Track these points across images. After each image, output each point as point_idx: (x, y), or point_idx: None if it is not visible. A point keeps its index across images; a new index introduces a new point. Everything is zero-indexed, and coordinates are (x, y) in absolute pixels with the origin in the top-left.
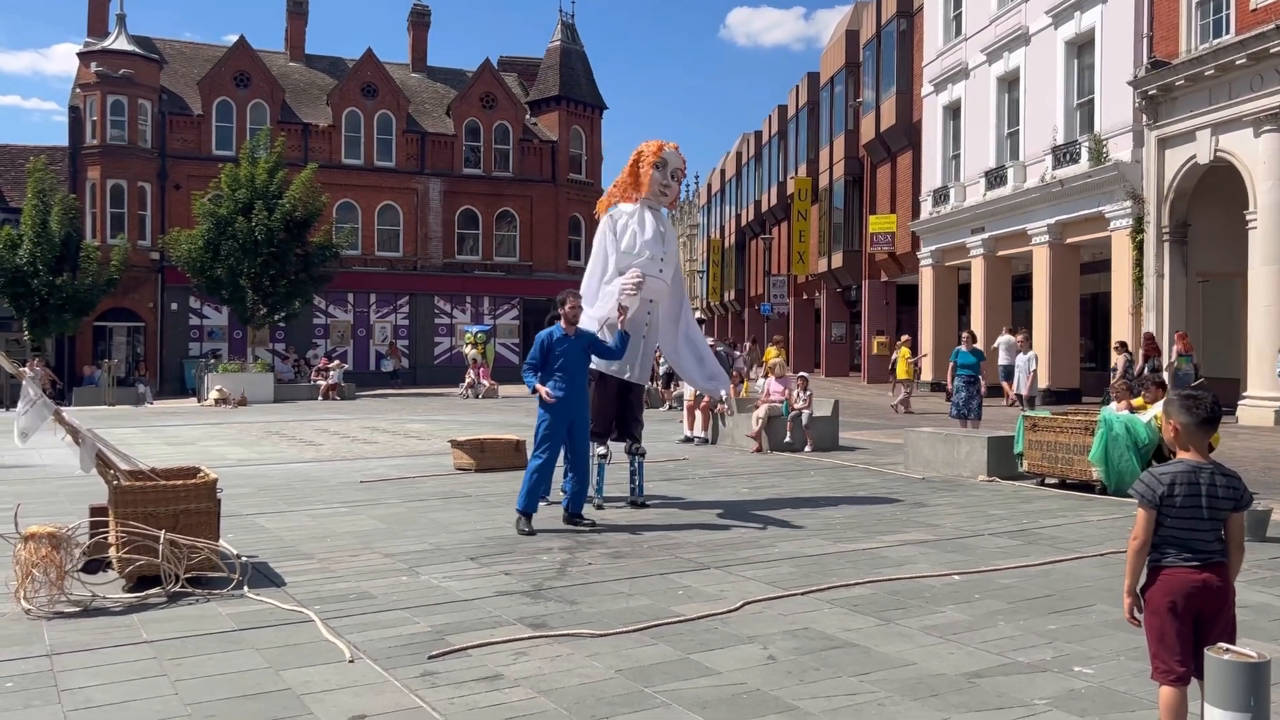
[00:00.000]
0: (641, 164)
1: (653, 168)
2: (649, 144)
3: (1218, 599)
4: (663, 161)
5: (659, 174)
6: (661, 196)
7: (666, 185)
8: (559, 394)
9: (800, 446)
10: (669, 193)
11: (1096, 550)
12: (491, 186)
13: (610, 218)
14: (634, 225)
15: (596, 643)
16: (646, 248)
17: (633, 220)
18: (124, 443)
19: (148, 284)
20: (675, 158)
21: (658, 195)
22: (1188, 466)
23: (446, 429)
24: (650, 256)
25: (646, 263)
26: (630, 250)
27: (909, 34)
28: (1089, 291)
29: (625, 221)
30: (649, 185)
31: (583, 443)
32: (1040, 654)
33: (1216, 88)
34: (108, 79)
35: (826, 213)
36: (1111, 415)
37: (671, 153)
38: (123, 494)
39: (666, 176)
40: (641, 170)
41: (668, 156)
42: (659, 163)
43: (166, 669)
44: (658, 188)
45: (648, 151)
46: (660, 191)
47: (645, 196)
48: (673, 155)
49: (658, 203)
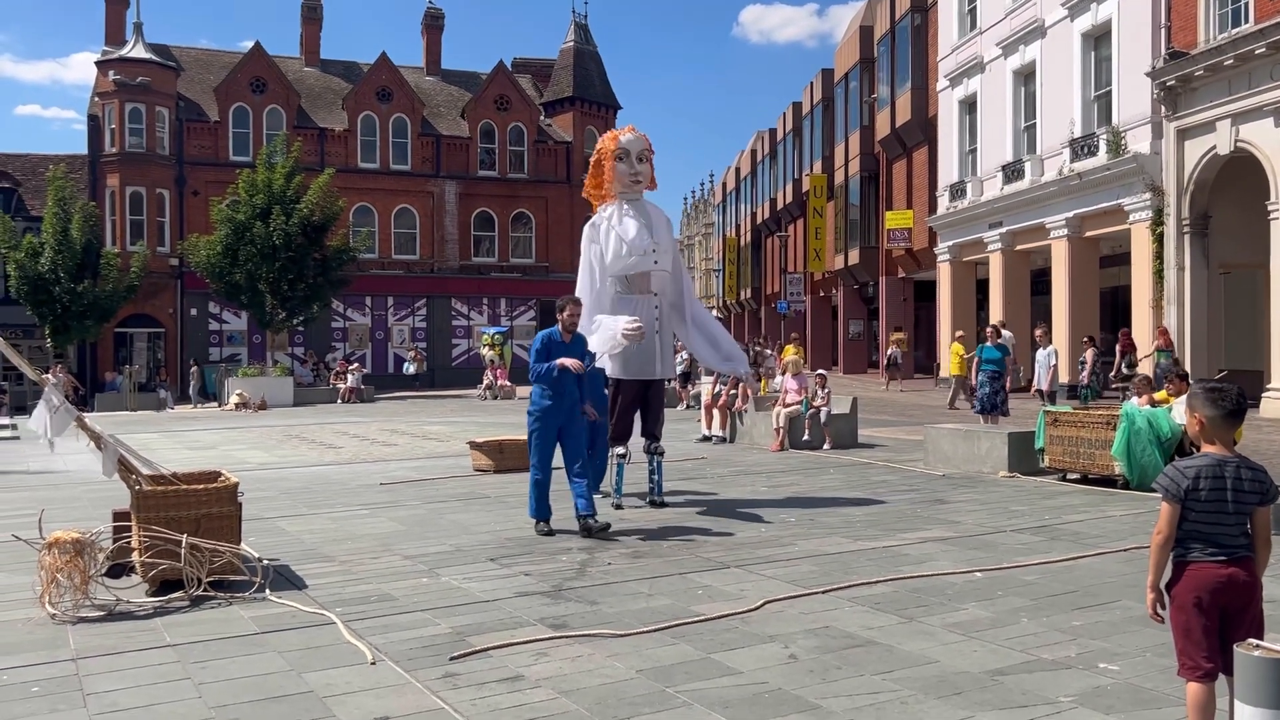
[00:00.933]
0: (604, 163)
1: (615, 160)
2: (604, 139)
3: (1244, 594)
4: (623, 151)
5: (624, 165)
6: (635, 186)
7: (636, 173)
8: (547, 403)
9: (819, 444)
10: (642, 178)
11: (1120, 545)
12: (507, 188)
13: (591, 227)
14: (616, 228)
15: (617, 643)
16: (634, 248)
17: (613, 222)
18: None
19: (167, 290)
20: (635, 142)
21: (630, 187)
22: (1213, 460)
23: (465, 430)
24: (643, 253)
25: (639, 261)
26: (620, 254)
27: (923, 28)
28: (1108, 285)
29: (606, 228)
30: (618, 180)
31: (581, 447)
32: (1064, 651)
33: (1236, 77)
34: (125, 87)
35: (842, 209)
36: (1134, 409)
37: (630, 138)
38: (145, 499)
39: (632, 164)
40: (605, 169)
41: (626, 144)
42: (619, 153)
43: (190, 672)
44: (627, 180)
45: (605, 149)
46: (632, 182)
47: (620, 192)
48: (632, 140)
49: (633, 193)
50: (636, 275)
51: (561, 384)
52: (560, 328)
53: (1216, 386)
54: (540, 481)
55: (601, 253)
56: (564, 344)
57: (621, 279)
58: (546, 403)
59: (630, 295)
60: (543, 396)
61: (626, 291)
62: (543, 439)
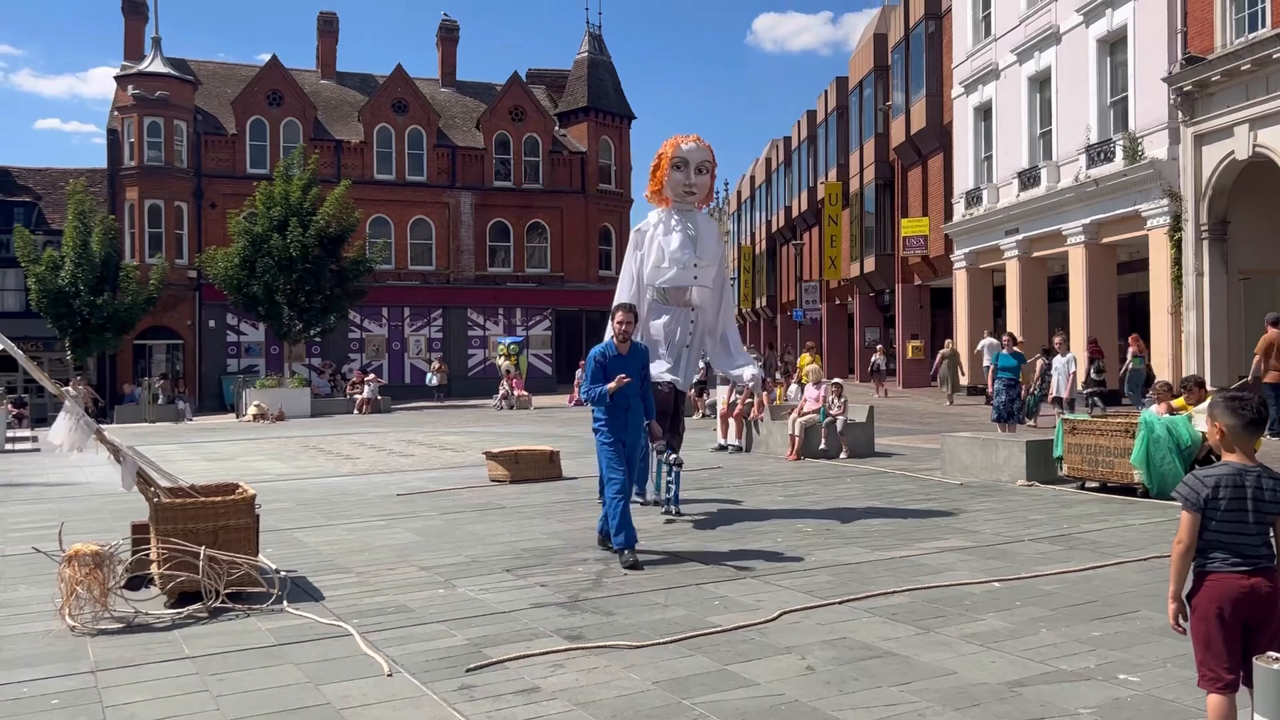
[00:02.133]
0: (660, 169)
1: (671, 168)
2: (667, 143)
3: (1266, 605)
4: (681, 160)
5: (680, 175)
6: (688, 197)
7: (691, 185)
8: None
9: (835, 453)
10: (697, 190)
11: (1140, 555)
12: (522, 199)
13: (638, 233)
14: (659, 237)
15: (633, 654)
16: (675, 261)
17: (658, 231)
18: (164, 459)
19: (185, 302)
20: (696, 152)
21: (682, 197)
22: (1233, 469)
23: (481, 441)
24: (682, 266)
25: (678, 274)
26: (659, 264)
27: (937, 36)
28: (1126, 291)
29: (651, 234)
30: (671, 189)
31: (634, 468)
32: (1084, 662)
33: (1254, 82)
34: (144, 101)
35: (858, 217)
36: (1153, 417)
37: (691, 148)
38: (163, 511)
39: (689, 175)
40: (661, 176)
41: (686, 154)
42: (677, 162)
43: (208, 684)
44: (680, 190)
45: (665, 153)
46: (685, 193)
47: (672, 201)
48: (692, 150)
49: (684, 205)
50: (674, 288)
51: (618, 401)
52: (614, 338)
53: (1238, 396)
54: (623, 488)
55: (644, 260)
56: (620, 357)
57: (659, 289)
58: (607, 417)
59: (666, 306)
60: (603, 413)
61: (662, 302)
62: (613, 451)
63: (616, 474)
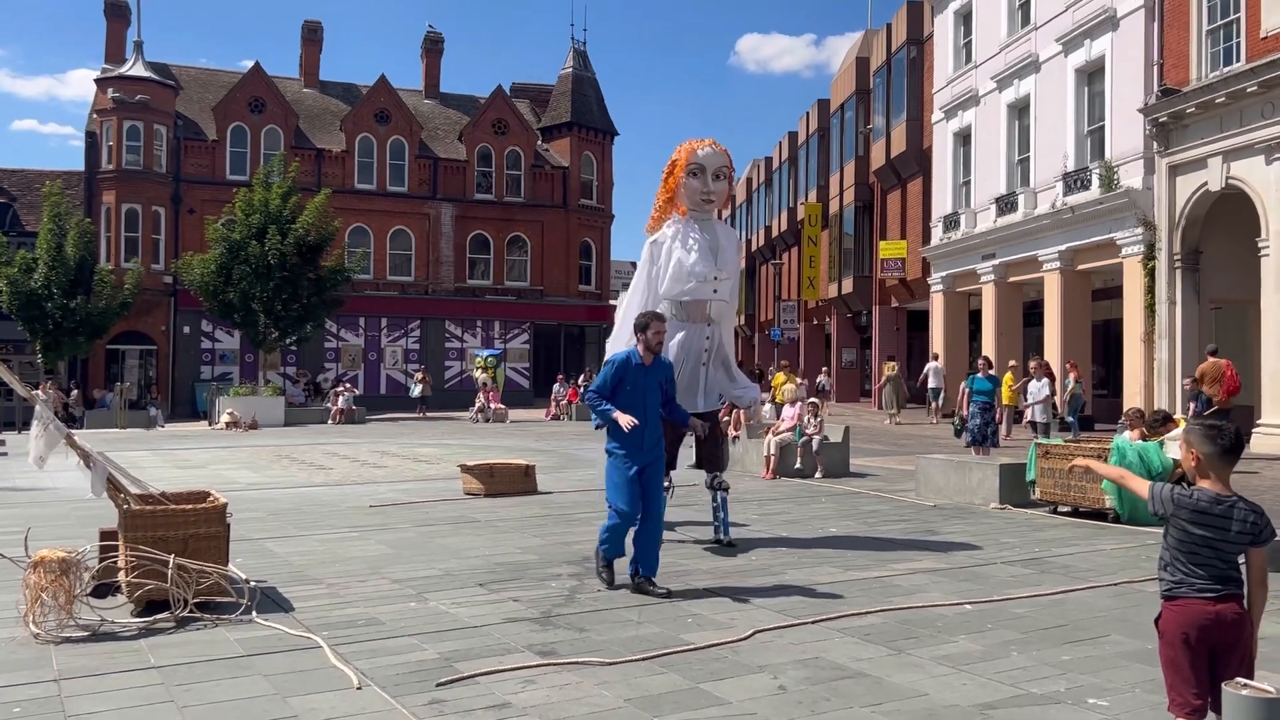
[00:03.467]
0: (675, 175)
1: (688, 175)
2: (681, 147)
3: (1234, 631)
4: (699, 166)
5: (697, 182)
6: (705, 205)
7: (708, 193)
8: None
9: (811, 473)
10: (715, 199)
11: (1110, 580)
12: (503, 211)
13: (654, 245)
14: (678, 249)
15: (605, 671)
16: (693, 274)
17: (675, 243)
18: (135, 466)
19: (160, 307)
20: (713, 157)
21: (700, 205)
22: (1208, 496)
23: (456, 453)
24: (702, 280)
25: (698, 288)
26: (678, 278)
27: (919, 61)
28: (1101, 318)
29: (668, 246)
30: (688, 197)
31: (658, 495)
32: (1054, 685)
33: (1228, 115)
34: (124, 105)
35: (837, 238)
36: (1125, 443)
37: (708, 152)
38: (132, 518)
39: (707, 182)
40: (674, 183)
41: (703, 159)
42: (693, 168)
43: (174, 695)
44: (698, 198)
45: (680, 158)
46: (702, 201)
47: (689, 210)
48: (710, 155)
49: (702, 213)
50: (693, 302)
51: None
52: (642, 348)
53: (1215, 424)
54: (619, 526)
55: (660, 273)
56: (644, 367)
57: (677, 304)
58: (623, 440)
59: (683, 322)
60: (617, 434)
61: (679, 317)
62: (622, 475)
63: (622, 504)
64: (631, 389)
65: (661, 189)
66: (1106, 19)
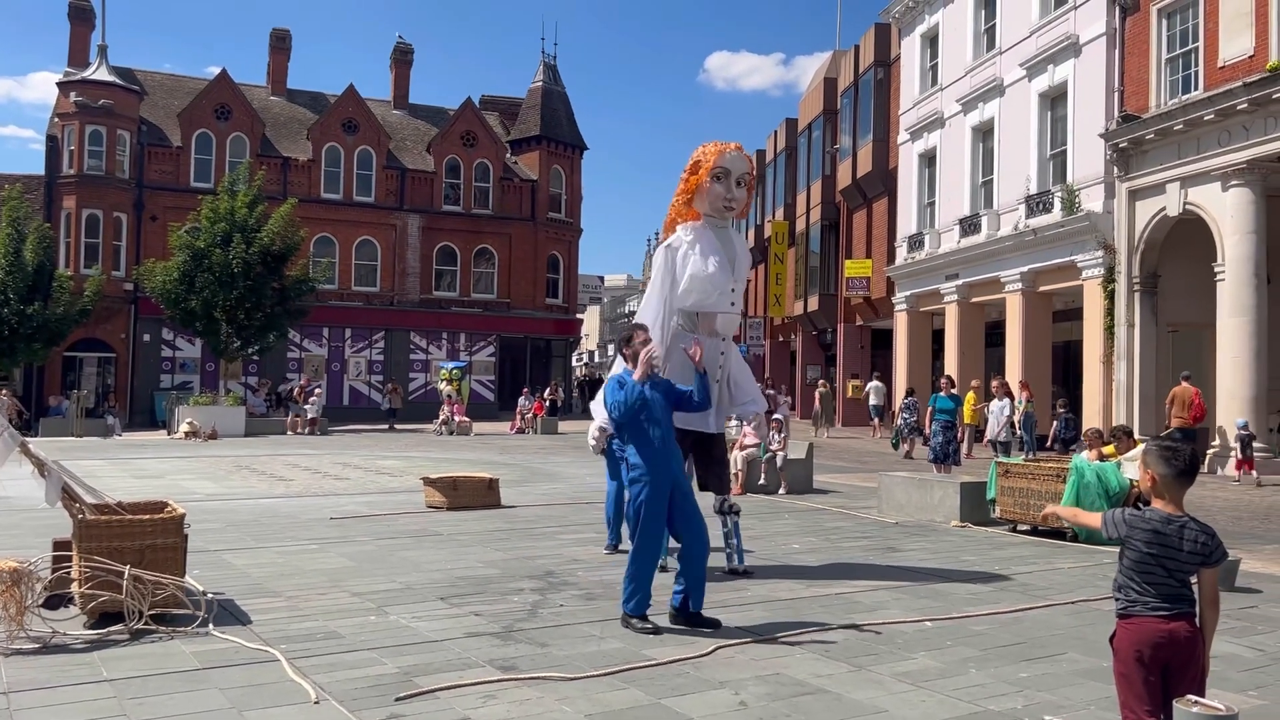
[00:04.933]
0: (697, 179)
1: (712, 179)
2: (705, 149)
3: (1186, 649)
4: (723, 170)
5: (720, 186)
6: (726, 212)
7: (731, 199)
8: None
9: (775, 489)
10: (736, 206)
11: (1068, 598)
12: (470, 224)
13: (669, 250)
14: (695, 256)
15: (567, 686)
16: (715, 284)
17: (694, 250)
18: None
19: (120, 315)
20: (739, 162)
21: (721, 211)
22: (1161, 517)
23: (419, 466)
24: (720, 291)
25: (715, 300)
26: (693, 287)
27: (886, 83)
28: (1061, 340)
29: (685, 252)
30: (709, 202)
31: (694, 516)
32: (1011, 702)
33: (1185, 142)
34: (87, 109)
35: (803, 256)
36: (1083, 463)
37: (734, 156)
38: (87, 528)
39: (730, 187)
40: (699, 186)
41: (729, 163)
42: (719, 172)
43: (127, 709)
44: (720, 203)
45: (704, 160)
46: (725, 207)
47: (707, 215)
48: (735, 159)
49: (722, 219)
50: (705, 314)
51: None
52: (633, 365)
53: (1171, 446)
54: (647, 567)
55: (675, 281)
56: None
57: (689, 315)
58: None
59: (693, 335)
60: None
61: (690, 329)
62: (656, 500)
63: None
64: (648, 409)
65: (680, 190)
66: (1069, 45)
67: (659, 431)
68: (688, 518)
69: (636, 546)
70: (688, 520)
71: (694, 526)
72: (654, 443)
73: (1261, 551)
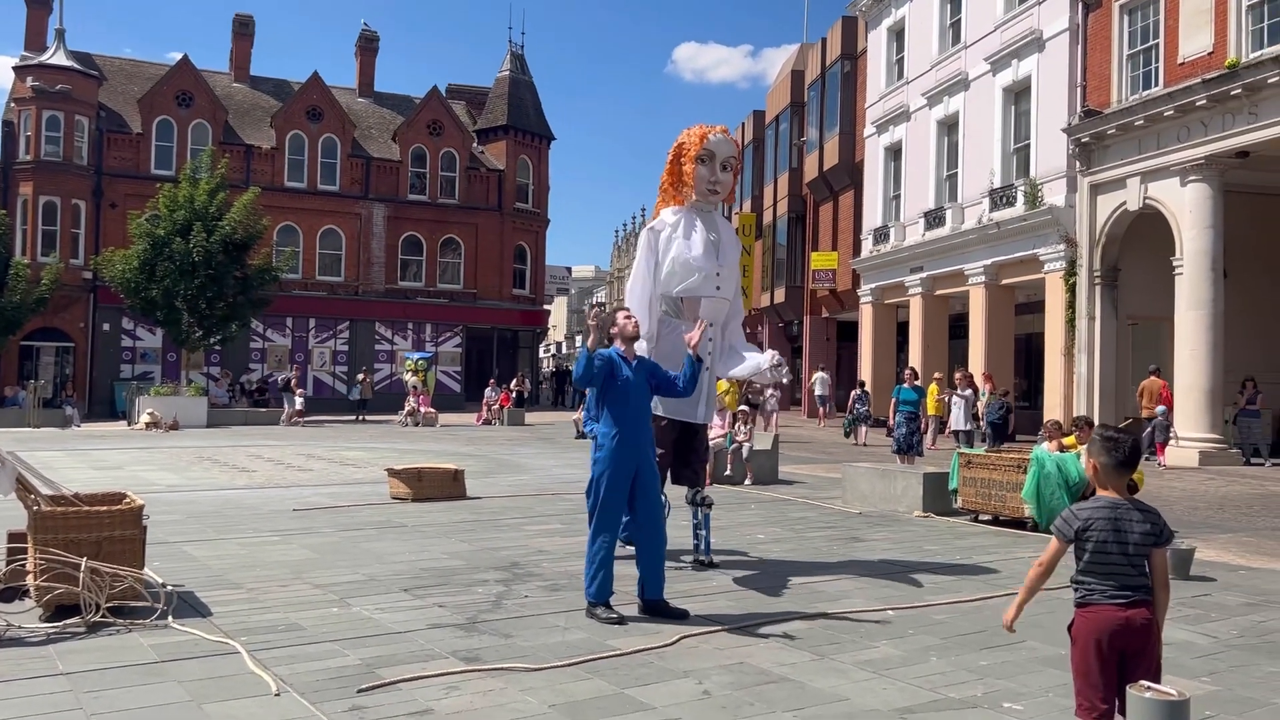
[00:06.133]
0: (683, 160)
1: (696, 162)
2: (690, 132)
3: (1141, 636)
4: (708, 153)
5: (704, 169)
6: (711, 195)
7: (716, 182)
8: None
9: (740, 479)
10: (720, 189)
11: None
12: (436, 213)
13: (651, 232)
14: (679, 239)
15: (530, 677)
16: (697, 267)
17: (677, 233)
18: (47, 466)
19: (79, 303)
20: (724, 145)
21: (706, 195)
22: (1107, 503)
23: (384, 457)
24: (704, 275)
25: (700, 283)
26: (676, 271)
27: (853, 76)
28: (1023, 332)
29: (669, 234)
30: (694, 185)
31: (655, 503)
32: (971, 690)
33: (1146, 137)
34: (44, 94)
35: (770, 248)
36: (1044, 454)
37: (719, 139)
38: (43, 520)
39: (715, 170)
40: (684, 168)
41: (714, 146)
42: (703, 155)
43: (83, 702)
44: (705, 186)
45: (689, 143)
46: (709, 190)
47: (692, 200)
48: (720, 143)
49: (707, 203)
50: (689, 300)
51: (638, 414)
52: (619, 342)
53: (1113, 436)
54: (608, 547)
55: (658, 264)
56: (628, 364)
57: (673, 300)
58: (613, 439)
59: (679, 320)
60: (610, 433)
61: (674, 315)
62: (615, 488)
63: (611, 525)
64: (623, 386)
65: (666, 175)
66: (1033, 40)
67: (632, 413)
68: (650, 504)
69: (595, 527)
70: (650, 506)
71: (654, 513)
72: (625, 422)
73: (1215, 540)
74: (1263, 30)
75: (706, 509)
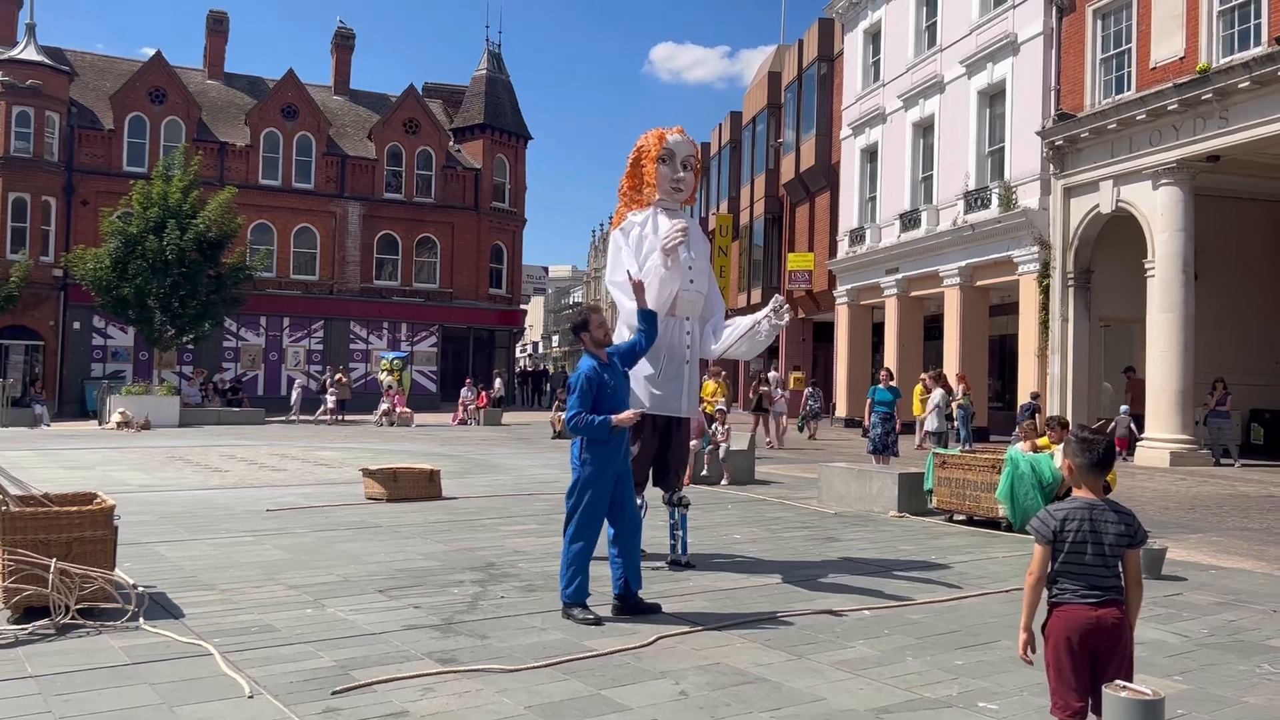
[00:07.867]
0: (644, 162)
1: (657, 162)
2: (648, 135)
3: (1113, 635)
4: (668, 152)
5: (666, 168)
6: (675, 193)
7: (679, 179)
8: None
9: (717, 479)
10: (684, 187)
11: (1001, 587)
12: (412, 212)
13: (621, 233)
14: (650, 235)
15: (507, 678)
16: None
17: (647, 229)
18: (17, 466)
19: (49, 301)
20: (683, 145)
21: (670, 194)
22: (1082, 503)
23: (359, 457)
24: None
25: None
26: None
27: (829, 78)
28: (997, 333)
29: (639, 233)
30: (658, 184)
31: (631, 502)
32: (946, 690)
33: (1118, 141)
34: (14, 89)
35: (747, 249)
36: (1018, 454)
37: (677, 139)
38: (12, 520)
39: (676, 169)
40: (645, 169)
41: (673, 145)
42: (664, 155)
43: (52, 705)
44: (668, 185)
45: (648, 145)
46: (673, 189)
47: (657, 199)
48: (679, 143)
49: (672, 201)
50: None
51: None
52: (594, 347)
53: (1088, 437)
54: (587, 547)
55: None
56: (608, 368)
57: None
58: (597, 451)
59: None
60: (590, 446)
61: None
62: (599, 490)
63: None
64: (611, 393)
65: (626, 179)
66: (1008, 44)
67: (618, 410)
68: (624, 504)
69: (574, 531)
70: (624, 506)
71: (630, 512)
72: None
73: (1186, 540)
74: (1233, 36)
75: (683, 509)
